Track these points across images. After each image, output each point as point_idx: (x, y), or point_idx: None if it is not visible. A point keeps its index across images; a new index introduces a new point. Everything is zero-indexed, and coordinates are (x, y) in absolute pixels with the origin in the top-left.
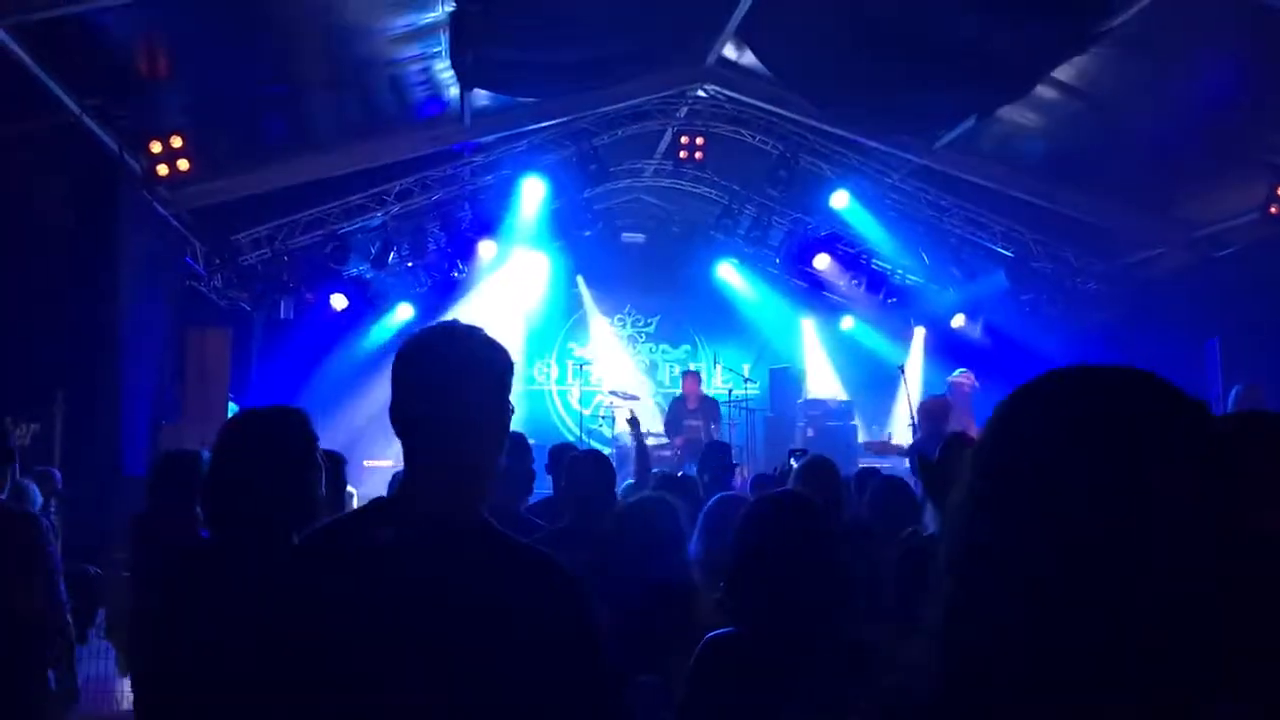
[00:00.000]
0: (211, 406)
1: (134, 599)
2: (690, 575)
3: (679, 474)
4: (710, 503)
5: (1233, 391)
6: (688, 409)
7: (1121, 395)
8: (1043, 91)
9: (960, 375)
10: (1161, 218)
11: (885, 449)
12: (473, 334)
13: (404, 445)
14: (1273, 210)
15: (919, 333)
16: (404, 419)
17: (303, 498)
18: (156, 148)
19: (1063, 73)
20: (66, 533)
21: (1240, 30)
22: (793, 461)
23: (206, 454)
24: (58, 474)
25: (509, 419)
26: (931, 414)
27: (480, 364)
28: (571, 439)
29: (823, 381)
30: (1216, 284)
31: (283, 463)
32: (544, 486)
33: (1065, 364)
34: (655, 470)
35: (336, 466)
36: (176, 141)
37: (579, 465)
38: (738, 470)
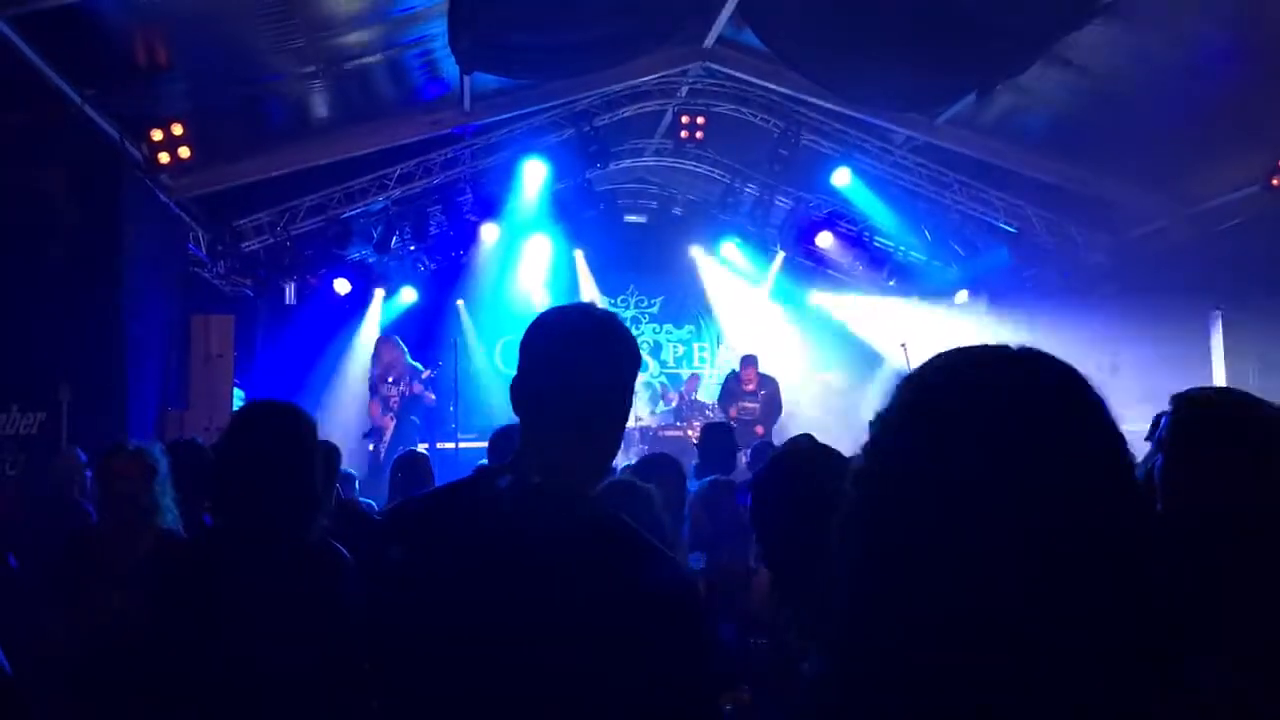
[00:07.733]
0: (217, 392)
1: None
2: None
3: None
4: (699, 486)
5: None
6: (744, 390)
7: (1008, 379)
8: (1042, 67)
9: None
10: (1164, 192)
11: None
12: (609, 319)
13: (521, 418)
14: (1274, 182)
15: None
16: (527, 391)
17: (303, 492)
18: (157, 135)
19: (1062, 48)
20: None
21: (1239, 4)
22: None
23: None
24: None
25: (628, 410)
26: None
27: (613, 349)
28: None
29: (826, 359)
30: (1219, 256)
31: (286, 458)
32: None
33: (1067, 340)
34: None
35: (330, 458)
36: (177, 129)
37: None
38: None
